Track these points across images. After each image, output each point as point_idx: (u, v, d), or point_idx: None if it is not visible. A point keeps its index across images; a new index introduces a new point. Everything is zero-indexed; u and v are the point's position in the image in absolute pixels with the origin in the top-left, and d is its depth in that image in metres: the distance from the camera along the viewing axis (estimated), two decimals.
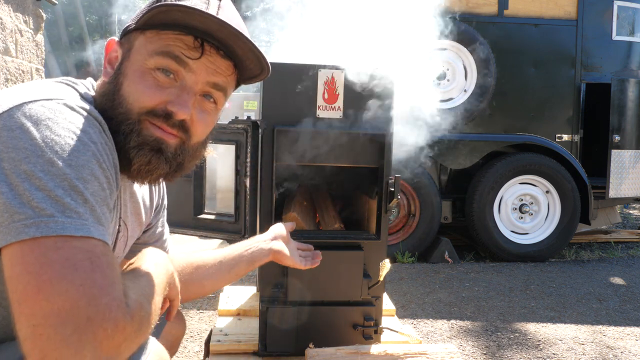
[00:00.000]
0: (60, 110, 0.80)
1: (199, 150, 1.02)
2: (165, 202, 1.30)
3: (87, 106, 0.85)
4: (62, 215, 0.72)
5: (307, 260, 1.49)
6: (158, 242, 1.28)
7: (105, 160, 0.82)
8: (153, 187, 1.20)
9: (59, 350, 0.66)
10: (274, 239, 1.40)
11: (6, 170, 0.73)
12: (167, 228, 1.33)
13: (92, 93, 0.96)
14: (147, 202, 1.17)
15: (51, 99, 0.81)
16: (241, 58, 0.97)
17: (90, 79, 1.00)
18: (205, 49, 0.92)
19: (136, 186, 1.09)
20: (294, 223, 1.59)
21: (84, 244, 0.72)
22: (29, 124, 0.76)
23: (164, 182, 1.29)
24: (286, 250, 1.41)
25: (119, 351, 0.71)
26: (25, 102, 0.79)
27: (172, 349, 1.46)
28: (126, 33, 0.96)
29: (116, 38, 0.98)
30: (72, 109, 0.82)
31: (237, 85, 1.05)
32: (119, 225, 1.04)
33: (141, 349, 0.86)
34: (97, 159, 0.79)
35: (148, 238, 1.25)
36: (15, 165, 0.73)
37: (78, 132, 0.79)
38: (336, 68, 1.85)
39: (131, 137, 0.90)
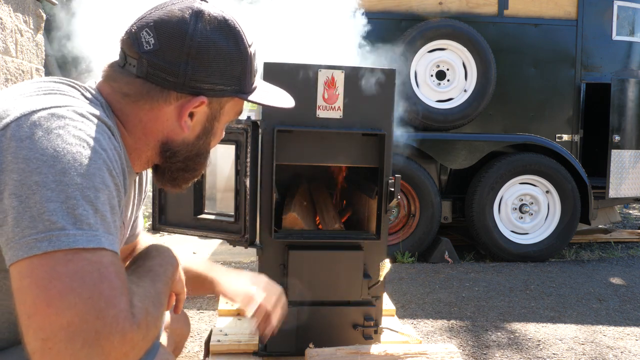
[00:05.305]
0: (71, 118, 0.79)
1: None
2: (150, 192, 1.29)
3: (96, 111, 0.84)
4: (74, 228, 0.72)
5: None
6: (136, 229, 1.26)
7: (115, 167, 0.82)
8: (144, 182, 1.19)
9: None
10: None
11: (16, 182, 0.72)
12: (141, 217, 1.32)
13: (98, 96, 0.93)
14: (137, 197, 1.16)
15: (60, 107, 0.80)
16: None
17: (92, 82, 0.98)
18: None
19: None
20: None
21: (94, 255, 0.72)
22: (40, 134, 0.75)
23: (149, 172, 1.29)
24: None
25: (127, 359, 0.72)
26: (34, 111, 0.78)
27: (178, 349, 1.46)
28: (215, 94, 0.96)
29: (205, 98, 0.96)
30: (82, 115, 0.81)
31: None
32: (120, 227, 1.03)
33: (149, 354, 0.86)
34: (108, 167, 0.79)
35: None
36: (25, 177, 0.72)
37: (89, 139, 0.78)
38: (336, 68, 1.85)
39: (195, 175, 1.06)
